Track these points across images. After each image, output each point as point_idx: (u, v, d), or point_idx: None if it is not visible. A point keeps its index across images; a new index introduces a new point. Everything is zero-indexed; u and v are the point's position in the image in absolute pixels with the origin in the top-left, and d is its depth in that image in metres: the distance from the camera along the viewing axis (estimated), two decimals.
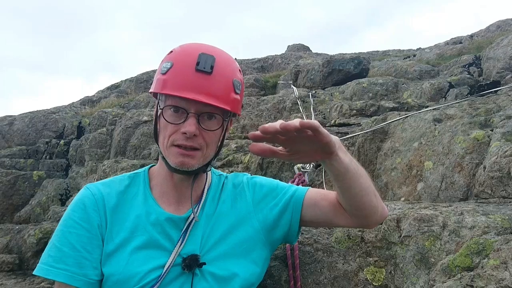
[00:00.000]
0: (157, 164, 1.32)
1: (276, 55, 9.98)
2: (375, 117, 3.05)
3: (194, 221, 1.21)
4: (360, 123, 3.24)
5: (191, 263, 1.15)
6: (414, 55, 7.64)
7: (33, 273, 1.15)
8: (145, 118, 5.19)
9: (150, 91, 1.24)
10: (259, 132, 0.94)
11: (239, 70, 1.24)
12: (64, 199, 4.90)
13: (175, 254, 1.16)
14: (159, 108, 1.19)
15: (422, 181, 2.35)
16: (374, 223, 1.26)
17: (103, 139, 5.43)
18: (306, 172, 2.29)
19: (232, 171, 3.14)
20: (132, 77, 9.84)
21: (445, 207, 1.60)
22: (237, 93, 1.20)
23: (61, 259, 1.13)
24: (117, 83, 10.32)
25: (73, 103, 8.94)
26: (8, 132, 6.21)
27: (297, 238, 1.36)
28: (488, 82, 3.96)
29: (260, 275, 1.28)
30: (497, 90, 3.09)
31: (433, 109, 2.77)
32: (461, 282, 1.24)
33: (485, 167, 1.98)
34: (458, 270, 1.30)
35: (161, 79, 1.16)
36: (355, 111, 3.70)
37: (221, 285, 1.17)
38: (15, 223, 4.64)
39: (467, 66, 4.86)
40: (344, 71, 5.35)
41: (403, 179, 2.48)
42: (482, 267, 1.26)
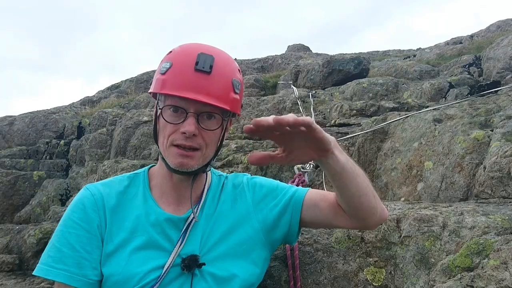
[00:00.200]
0: (157, 164, 1.32)
1: (276, 55, 9.98)
2: (375, 117, 3.05)
3: (193, 221, 1.21)
4: (360, 123, 3.24)
5: (191, 264, 1.15)
6: (414, 55, 7.64)
7: (33, 273, 1.15)
8: (145, 118, 5.18)
9: (149, 91, 1.24)
10: (252, 125, 0.91)
11: (238, 70, 1.24)
12: (64, 199, 4.90)
13: (174, 255, 1.16)
14: (158, 108, 1.19)
15: (422, 181, 2.34)
16: (373, 225, 1.25)
17: (103, 139, 5.43)
18: (306, 172, 2.29)
19: (232, 171, 3.14)
20: (132, 77, 9.84)
21: (445, 207, 1.60)
22: (236, 93, 1.19)
23: (60, 260, 1.13)
24: (117, 83, 10.32)
25: (73, 103, 8.94)
26: (8, 132, 6.21)
27: (297, 238, 1.36)
28: (488, 82, 3.96)
29: (259, 275, 1.27)
30: (497, 90, 3.09)
31: (433, 109, 2.77)
32: (461, 283, 1.24)
33: (485, 167, 1.98)
34: (458, 271, 1.30)
35: (160, 79, 1.16)
36: (355, 111, 3.70)
37: (221, 285, 1.17)
38: (15, 223, 4.64)
39: (467, 66, 4.86)
40: (344, 71, 5.35)
41: (403, 179, 2.48)
42: (482, 267, 1.25)
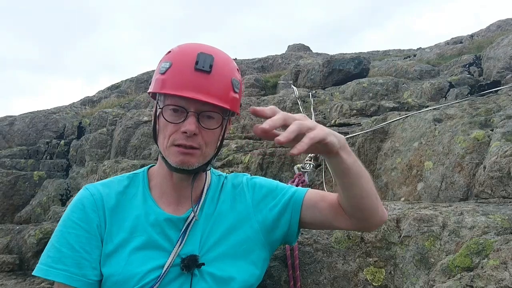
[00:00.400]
0: (156, 164, 1.32)
1: (276, 55, 9.98)
2: (375, 117, 3.05)
3: (193, 221, 1.21)
4: (360, 123, 3.24)
5: (190, 264, 1.15)
6: (415, 55, 7.64)
7: (33, 273, 1.15)
8: (146, 118, 5.19)
9: (149, 91, 1.23)
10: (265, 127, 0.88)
11: (237, 69, 1.24)
12: (65, 199, 4.90)
13: (174, 255, 1.16)
14: (158, 107, 1.19)
15: (422, 181, 2.34)
16: (373, 226, 1.25)
17: (103, 139, 5.44)
18: (306, 172, 2.29)
19: (232, 171, 3.14)
20: (133, 77, 9.84)
21: (445, 207, 1.60)
22: (236, 92, 1.19)
23: (60, 260, 1.13)
24: (118, 83, 10.33)
25: (73, 103, 8.95)
26: (8, 133, 6.21)
27: (297, 239, 1.36)
28: (489, 82, 3.96)
29: (259, 276, 1.27)
30: (498, 90, 3.09)
31: (433, 109, 2.77)
32: (460, 283, 1.24)
33: (485, 167, 1.98)
34: (458, 270, 1.29)
35: (160, 79, 1.16)
36: (355, 111, 3.70)
37: (220, 286, 1.17)
38: (16, 223, 4.64)
39: (467, 66, 4.86)
40: (344, 71, 5.36)
41: (403, 179, 2.48)
42: (482, 267, 1.25)
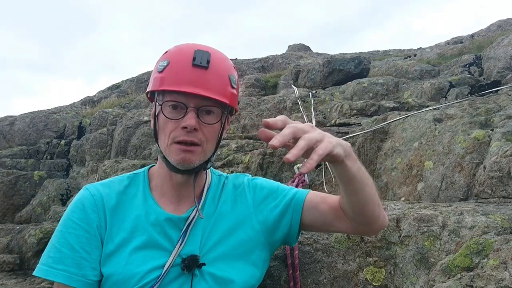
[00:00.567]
0: (156, 164, 1.32)
1: (276, 55, 9.97)
2: (375, 117, 3.05)
3: (194, 220, 1.21)
4: (360, 123, 3.24)
5: (190, 264, 1.15)
6: (415, 55, 7.63)
7: (33, 273, 1.15)
8: (146, 118, 5.19)
9: (147, 90, 1.24)
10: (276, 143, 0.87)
11: (234, 67, 1.26)
12: (65, 199, 4.90)
13: (174, 255, 1.16)
14: (157, 105, 1.19)
15: (422, 181, 2.34)
16: (373, 231, 1.26)
17: (103, 139, 5.44)
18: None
19: (233, 171, 3.14)
20: (133, 77, 9.84)
21: (445, 207, 1.60)
22: (233, 88, 1.21)
23: (60, 260, 1.13)
24: (118, 83, 10.32)
25: (74, 103, 8.95)
26: (9, 132, 6.22)
27: (297, 240, 1.36)
28: (489, 81, 3.96)
29: (260, 277, 1.27)
30: (498, 90, 3.09)
31: (434, 109, 2.77)
32: (460, 282, 1.24)
33: (485, 167, 1.98)
34: (458, 270, 1.30)
35: (158, 77, 1.16)
36: (355, 111, 3.70)
37: (221, 286, 1.17)
38: (16, 223, 4.65)
39: (467, 65, 4.86)
40: (344, 71, 5.35)
41: (403, 179, 2.48)
42: (482, 267, 1.25)
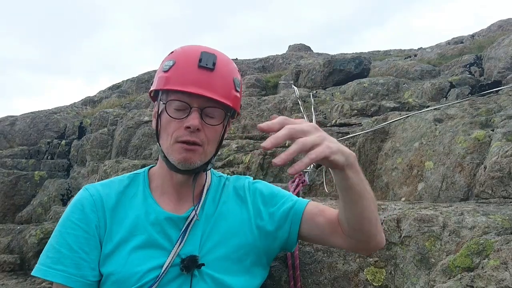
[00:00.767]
0: (156, 165, 1.32)
1: (277, 55, 9.97)
2: (376, 117, 3.05)
3: (194, 220, 1.21)
4: (361, 123, 3.24)
5: (190, 264, 1.14)
6: (415, 55, 7.62)
7: (32, 273, 1.15)
8: (146, 118, 5.19)
9: (151, 89, 1.23)
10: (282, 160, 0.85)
11: (238, 70, 1.26)
12: (66, 199, 4.91)
13: (174, 254, 1.15)
14: (161, 103, 1.19)
15: (422, 181, 2.34)
16: (369, 250, 1.22)
17: (104, 139, 5.45)
18: (306, 172, 2.29)
19: (233, 171, 3.14)
20: (133, 77, 9.84)
21: (445, 207, 1.60)
22: (237, 91, 1.22)
23: (59, 260, 1.13)
24: (118, 83, 10.32)
25: (74, 103, 8.95)
26: (9, 133, 6.22)
27: (295, 247, 1.34)
28: (489, 82, 3.96)
29: (258, 283, 1.27)
30: (498, 90, 3.09)
31: (434, 109, 2.77)
32: (461, 283, 1.24)
33: (485, 167, 1.98)
34: (458, 271, 1.29)
35: (163, 77, 1.17)
36: (356, 111, 3.70)
37: (219, 287, 1.17)
38: (17, 223, 4.65)
39: (468, 66, 4.86)
40: (345, 71, 5.35)
41: (403, 179, 2.47)
42: (482, 267, 1.25)
